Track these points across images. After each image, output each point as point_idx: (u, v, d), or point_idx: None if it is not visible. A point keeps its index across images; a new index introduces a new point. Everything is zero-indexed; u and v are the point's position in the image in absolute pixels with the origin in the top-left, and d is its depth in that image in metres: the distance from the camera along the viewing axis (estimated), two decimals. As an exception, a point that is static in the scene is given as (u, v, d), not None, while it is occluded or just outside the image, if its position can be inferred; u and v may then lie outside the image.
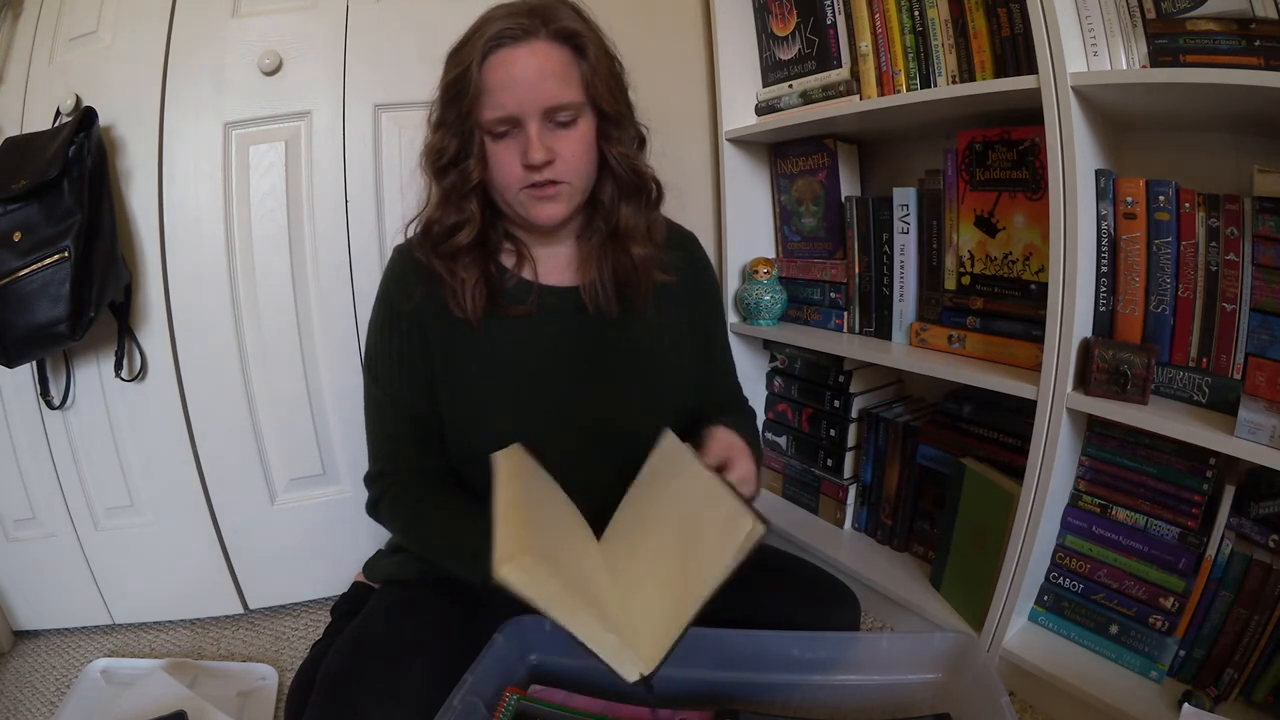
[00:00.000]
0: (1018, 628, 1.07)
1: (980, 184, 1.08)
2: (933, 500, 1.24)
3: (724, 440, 0.74)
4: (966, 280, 1.13)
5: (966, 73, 1.07)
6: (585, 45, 0.70)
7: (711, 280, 0.94)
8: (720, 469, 0.72)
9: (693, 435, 0.80)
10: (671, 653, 0.59)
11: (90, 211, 1.02)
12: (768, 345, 1.53)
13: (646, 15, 1.35)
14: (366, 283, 1.24)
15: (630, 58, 0.79)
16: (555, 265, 0.82)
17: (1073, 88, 0.86)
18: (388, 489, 0.81)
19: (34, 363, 1.14)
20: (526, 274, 0.80)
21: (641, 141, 0.80)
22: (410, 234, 0.82)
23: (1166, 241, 0.89)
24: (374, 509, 0.84)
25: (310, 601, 1.38)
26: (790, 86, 1.32)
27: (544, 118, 0.69)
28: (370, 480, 0.84)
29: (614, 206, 0.78)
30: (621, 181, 0.77)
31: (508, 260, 0.81)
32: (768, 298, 1.41)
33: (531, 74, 0.68)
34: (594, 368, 0.81)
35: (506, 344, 0.79)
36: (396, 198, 1.24)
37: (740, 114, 1.39)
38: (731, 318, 1.48)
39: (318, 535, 1.34)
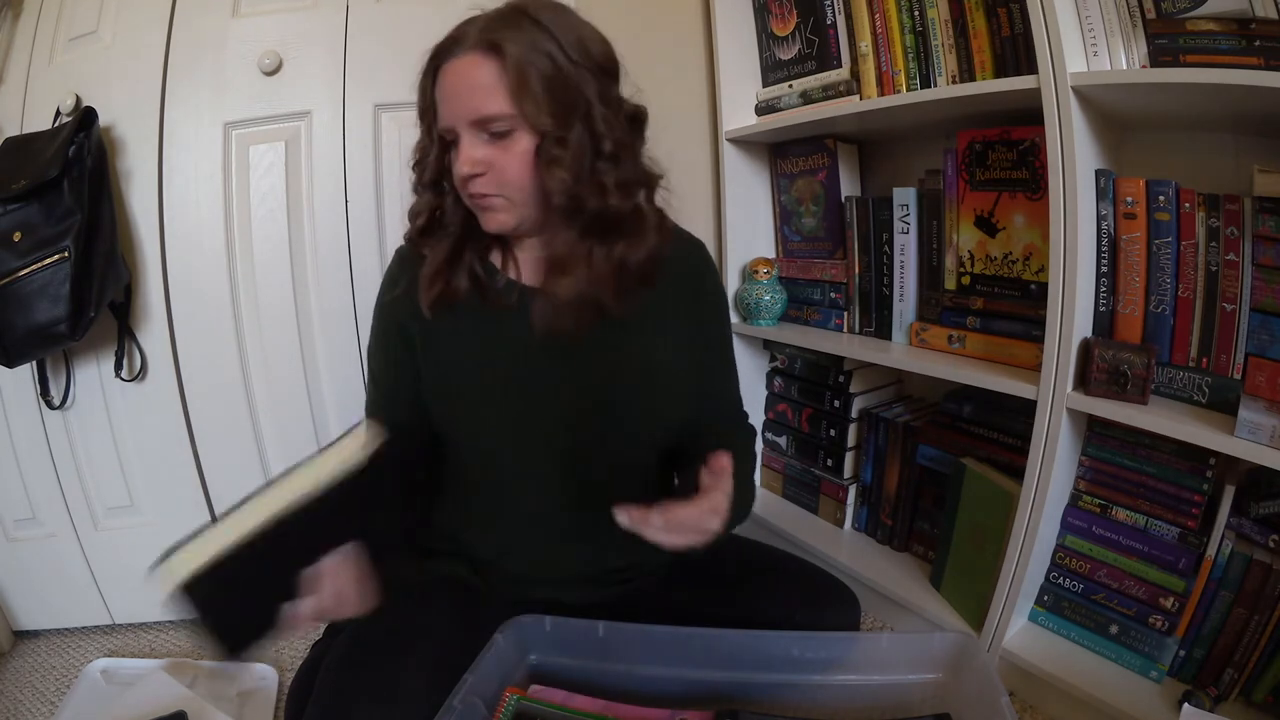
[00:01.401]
0: (1018, 628, 1.07)
1: (980, 184, 1.09)
2: (933, 500, 1.24)
3: (721, 464, 0.68)
4: (966, 280, 1.13)
5: (966, 73, 1.07)
6: (505, 57, 0.66)
7: (715, 290, 0.91)
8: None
9: (691, 451, 0.80)
10: None
11: (90, 211, 1.02)
12: (768, 345, 1.53)
13: (646, 15, 1.35)
14: (366, 282, 1.24)
15: (630, 58, 0.78)
16: (534, 267, 0.81)
17: (1073, 88, 0.86)
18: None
19: (34, 363, 1.14)
20: (511, 273, 0.80)
21: (616, 159, 0.73)
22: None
23: (1166, 241, 0.89)
24: None
25: (310, 601, 1.38)
26: (790, 86, 1.32)
27: (475, 129, 0.69)
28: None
29: (554, 230, 0.76)
30: (555, 206, 0.72)
31: (496, 259, 0.81)
32: (768, 298, 1.41)
33: (459, 86, 0.68)
34: (570, 376, 0.80)
35: (484, 343, 0.79)
36: (396, 198, 1.24)
37: (740, 114, 1.39)
38: (732, 318, 1.48)
39: (318, 535, 1.34)
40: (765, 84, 1.40)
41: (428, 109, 0.74)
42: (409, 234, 0.80)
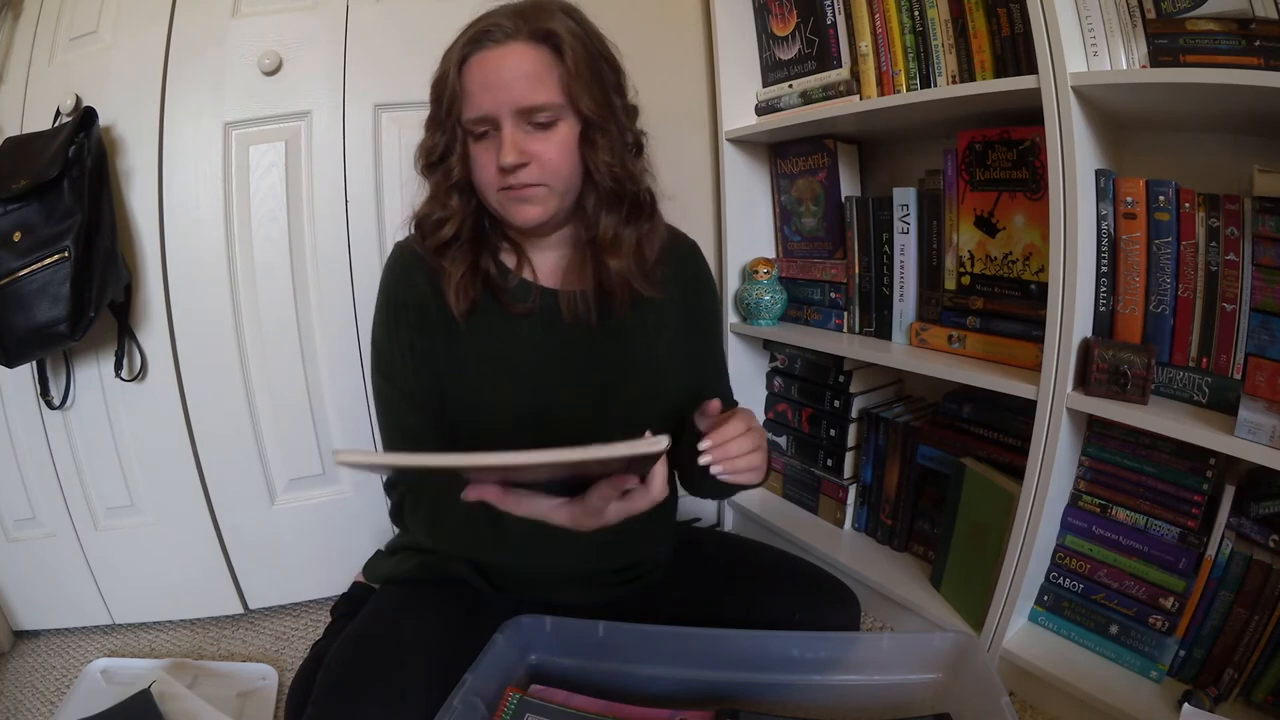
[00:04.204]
0: (1018, 628, 1.07)
1: (980, 184, 1.09)
2: (933, 500, 1.24)
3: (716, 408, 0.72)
4: (966, 280, 1.13)
5: (966, 73, 1.07)
6: (563, 46, 0.68)
7: (710, 293, 0.92)
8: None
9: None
10: None
11: (90, 211, 1.02)
12: (768, 345, 1.53)
13: (646, 15, 1.35)
14: (366, 282, 1.24)
15: (630, 58, 0.79)
16: (549, 268, 0.82)
17: (1073, 88, 0.86)
18: (407, 491, 0.79)
19: (34, 363, 1.14)
20: (526, 275, 0.80)
21: (638, 149, 0.78)
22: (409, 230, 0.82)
23: (1166, 241, 0.89)
24: (397, 515, 0.81)
25: (310, 601, 1.38)
26: (790, 86, 1.32)
27: (520, 118, 0.68)
28: (390, 486, 0.81)
29: (595, 215, 0.76)
30: (602, 190, 0.74)
31: (509, 260, 0.81)
32: (768, 298, 1.41)
33: (505, 75, 0.67)
34: (581, 374, 0.80)
35: (502, 343, 0.79)
36: (396, 197, 1.24)
37: (740, 114, 1.39)
38: (731, 318, 1.48)
39: (318, 535, 1.34)
40: (765, 84, 1.40)
41: (452, 102, 0.70)
42: (431, 245, 0.76)
